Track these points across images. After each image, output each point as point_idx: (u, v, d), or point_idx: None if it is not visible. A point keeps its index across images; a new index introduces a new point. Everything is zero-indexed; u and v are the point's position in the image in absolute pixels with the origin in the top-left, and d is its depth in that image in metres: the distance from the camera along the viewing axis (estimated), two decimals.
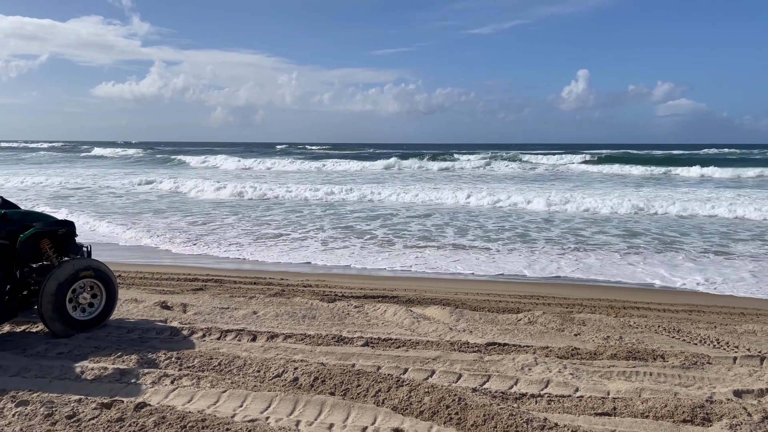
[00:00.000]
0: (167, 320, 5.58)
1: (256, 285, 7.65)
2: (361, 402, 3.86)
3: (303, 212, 16.50)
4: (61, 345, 4.79)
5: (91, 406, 3.68)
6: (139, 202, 19.48)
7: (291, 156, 58.90)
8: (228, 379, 4.18)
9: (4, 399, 3.78)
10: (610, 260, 10.06)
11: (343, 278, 8.49)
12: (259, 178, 31.63)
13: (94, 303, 5.25)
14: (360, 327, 5.49)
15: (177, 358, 4.54)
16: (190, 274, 8.38)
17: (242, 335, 5.16)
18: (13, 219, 5.01)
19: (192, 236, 12.32)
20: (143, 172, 35.49)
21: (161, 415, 3.59)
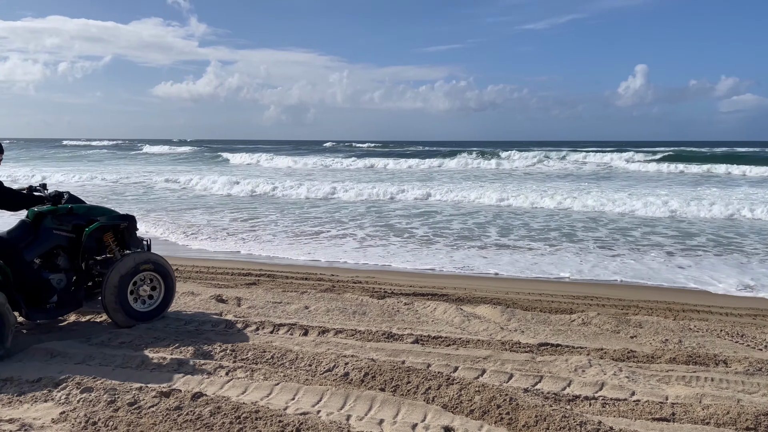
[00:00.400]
0: (222, 313, 5.73)
1: (307, 280, 7.75)
2: (411, 399, 3.87)
3: (347, 210, 16.60)
4: (123, 335, 4.99)
5: (150, 395, 3.82)
6: (186, 199, 20.03)
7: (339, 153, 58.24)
8: (280, 372, 4.26)
9: (70, 385, 3.96)
10: (665, 261, 9.73)
11: (393, 275, 8.51)
12: (298, 175, 31.78)
13: (154, 295, 5.44)
14: (410, 324, 5.50)
15: (231, 350, 4.65)
16: (243, 268, 8.56)
17: (294, 329, 5.25)
18: (79, 213, 5.24)
19: (241, 232, 12.59)
20: (187, 169, 36.28)
21: (217, 405, 3.70)
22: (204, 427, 3.48)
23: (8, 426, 3.45)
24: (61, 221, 5.13)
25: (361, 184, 22.59)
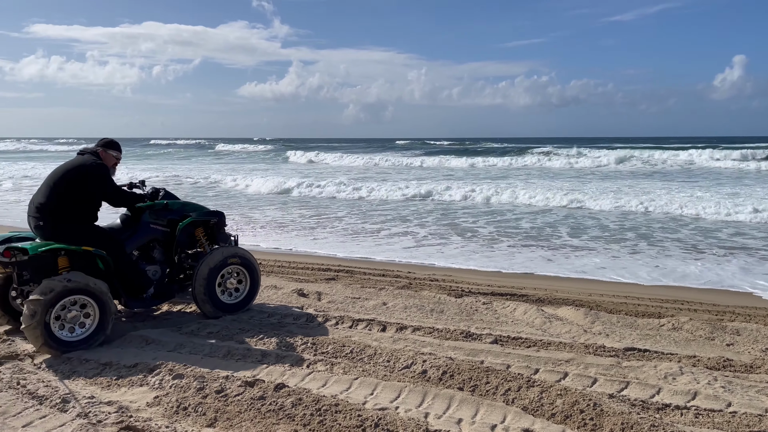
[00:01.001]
0: (303, 307, 5.89)
1: (384, 277, 7.81)
2: (490, 399, 3.82)
3: (416, 209, 16.55)
4: (211, 325, 5.23)
5: (236, 384, 3.98)
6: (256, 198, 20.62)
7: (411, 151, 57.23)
8: (359, 367, 4.32)
9: (163, 371, 4.19)
10: (759, 266, 9.06)
11: (469, 274, 8.42)
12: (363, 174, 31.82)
13: (240, 288, 5.66)
14: (488, 324, 5.43)
15: (312, 343, 4.77)
16: (322, 264, 8.74)
17: (373, 325, 5.31)
18: (173, 209, 5.54)
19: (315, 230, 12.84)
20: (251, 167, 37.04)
21: (298, 396, 3.80)
22: (286, 418, 3.58)
23: (107, 408, 3.69)
24: (157, 216, 5.44)
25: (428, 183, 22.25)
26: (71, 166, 4.97)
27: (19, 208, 15.44)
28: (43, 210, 4.82)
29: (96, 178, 4.97)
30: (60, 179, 4.89)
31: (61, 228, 4.81)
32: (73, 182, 4.88)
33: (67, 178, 4.89)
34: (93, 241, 4.90)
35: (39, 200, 4.86)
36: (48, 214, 4.81)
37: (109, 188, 5.06)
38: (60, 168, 5.00)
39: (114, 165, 5.23)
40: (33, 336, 4.45)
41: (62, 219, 4.83)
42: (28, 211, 4.93)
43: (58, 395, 3.85)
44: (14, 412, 3.64)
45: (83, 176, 4.91)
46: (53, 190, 4.85)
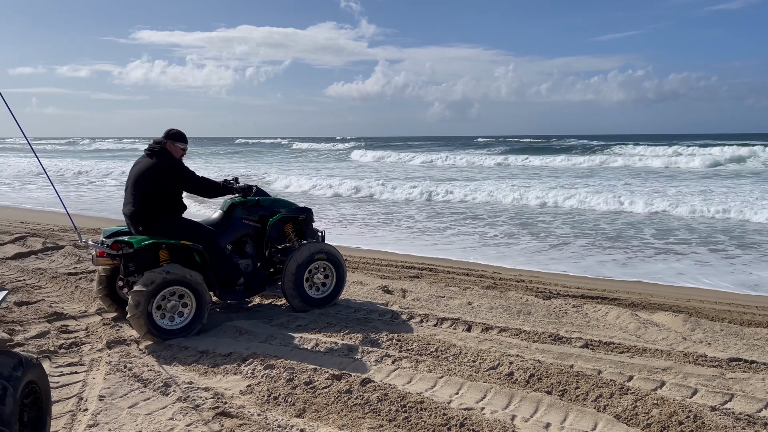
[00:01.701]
0: (388, 304, 5.93)
1: (468, 276, 7.73)
2: (580, 405, 3.70)
3: (488, 211, 16.22)
4: (299, 318, 5.38)
5: (324, 376, 4.07)
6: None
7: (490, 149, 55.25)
8: (444, 366, 4.31)
9: (255, 362, 4.35)
10: None
11: (557, 276, 8.17)
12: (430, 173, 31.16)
13: (326, 283, 5.79)
14: (578, 327, 5.25)
15: (397, 340, 4.80)
16: (407, 262, 8.76)
17: (457, 324, 5.27)
18: (265, 205, 5.75)
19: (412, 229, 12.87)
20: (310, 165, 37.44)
21: (384, 392, 3.83)
22: (372, 412, 3.63)
23: (204, 394, 3.88)
24: (249, 212, 5.67)
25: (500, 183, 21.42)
26: (146, 169, 5.07)
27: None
28: (134, 217, 5.07)
29: (174, 176, 5.10)
30: (140, 185, 5.04)
31: (157, 227, 5.08)
32: (153, 188, 5.03)
33: (147, 185, 5.03)
34: (189, 234, 5.16)
35: (129, 209, 5.10)
36: (140, 219, 5.06)
37: (189, 180, 5.17)
38: (135, 172, 5.13)
39: (181, 156, 5.29)
40: (137, 324, 4.76)
41: (155, 219, 5.07)
42: (124, 218, 5.21)
43: (161, 379, 4.09)
44: (122, 393, 3.91)
45: (161, 179, 5.04)
46: (138, 198, 5.04)
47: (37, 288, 6.48)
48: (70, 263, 7.66)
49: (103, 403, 3.75)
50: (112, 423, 3.51)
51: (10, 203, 16.71)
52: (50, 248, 8.42)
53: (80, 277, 6.91)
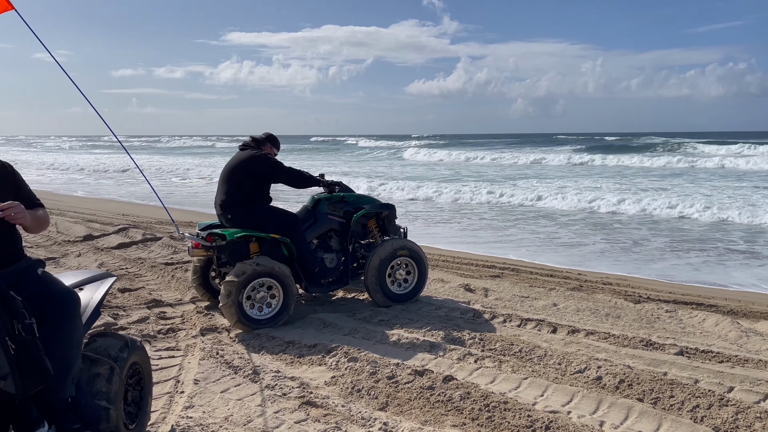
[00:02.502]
0: (470, 302, 5.89)
1: (552, 277, 7.53)
2: (674, 415, 3.52)
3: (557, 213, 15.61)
4: (381, 313, 5.44)
5: (406, 371, 4.10)
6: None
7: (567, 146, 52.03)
8: (528, 367, 4.23)
9: (339, 354, 4.45)
10: None
11: (645, 280, 7.80)
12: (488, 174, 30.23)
13: (408, 279, 5.82)
14: (672, 333, 4.99)
15: (480, 339, 4.75)
16: (487, 261, 8.65)
17: (542, 326, 5.16)
18: (349, 201, 5.85)
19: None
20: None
21: (466, 390, 3.81)
22: (454, 410, 3.62)
23: (290, 383, 4.00)
24: (334, 207, 5.80)
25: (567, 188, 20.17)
26: (239, 160, 5.41)
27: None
28: (225, 206, 5.36)
29: (266, 164, 5.36)
30: (232, 175, 5.38)
31: (246, 214, 5.33)
32: (245, 174, 5.34)
33: (238, 173, 5.36)
34: (276, 220, 5.38)
35: (221, 198, 5.40)
36: (231, 208, 5.34)
37: (280, 169, 5.41)
38: (229, 164, 5.47)
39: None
40: (229, 313, 4.98)
41: (244, 206, 5.33)
42: (216, 210, 5.50)
43: (250, 367, 4.26)
44: (214, 378, 4.10)
45: (253, 166, 5.35)
46: (230, 187, 5.36)
47: (138, 276, 6.91)
48: (167, 254, 8.11)
49: (197, 387, 3.95)
50: (206, 406, 3.69)
51: (114, 197, 17.89)
52: (149, 239, 8.95)
53: (176, 267, 7.31)
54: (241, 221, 5.34)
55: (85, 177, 26.28)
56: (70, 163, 34.84)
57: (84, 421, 2.70)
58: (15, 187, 2.90)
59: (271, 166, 5.39)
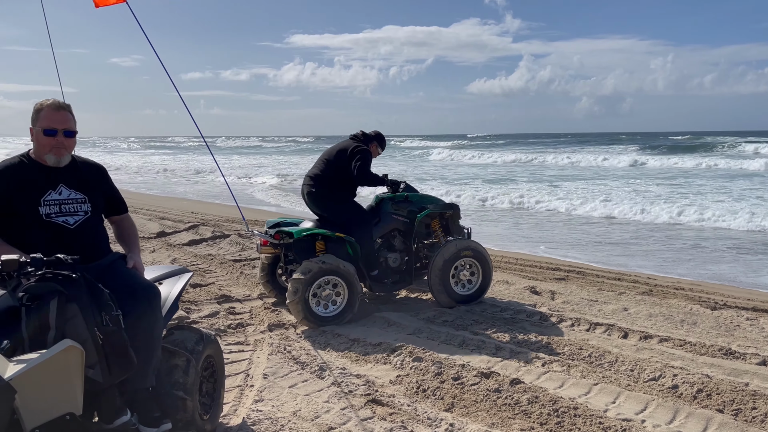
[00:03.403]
0: (536, 305, 5.78)
1: (620, 281, 7.28)
2: (757, 427, 3.35)
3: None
4: (445, 314, 5.42)
5: (472, 373, 4.06)
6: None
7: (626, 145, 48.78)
8: (599, 373, 4.11)
9: (404, 353, 4.45)
10: None
11: (721, 286, 7.43)
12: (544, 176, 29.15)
13: (472, 280, 5.77)
14: (754, 342, 4.74)
15: (547, 342, 4.66)
16: (552, 263, 8.46)
17: (612, 330, 5.00)
18: (413, 201, 5.86)
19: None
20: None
21: (534, 394, 3.75)
22: (522, 414, 3.56)
23: (356, 380, 4.04)
24: (398, 207, 5.81)
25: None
26: (342, 147, 5.71)
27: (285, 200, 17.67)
28: (315, 179, 5.62)
29: (358, 158, 5.57)
30: (331, 156, 5.68)
31: (329, 197, 5.56)
32: (341, 160, 5.60)
33: (337, 155, 5.64)
34: (354, 216, 5.55)
35: (313, 171, 5.69)
36: (318, 182, 5.58)
37: (364, 170, 5.57)
38: (333, 147, 5.80)
39: (374, 157, 5.84)
40: (295, 310, 5.08)
41: (330, 189, 5.56)
42: (303, 180, 5.77)
43: (316, 363, 4.32)
44: (282, 373, 4.19)
45: (350, 155, 5.59)
46: (325, 164, 5.64)
47: (208, 272, 7.14)
48: (236, 251, 8.35)
49: (266, 381, 4.05)
50: (275, 400, 3.77)
51: (183, 195, 18.58)
52: (218, 236, 9.24)
53: (244, 263, 7.51)
54: (320, 201, 5.57)
55: (154, 176, 27.39)
56: (139, 163, 36.41)
57: (163, 410, 2.82)
58: (110, 189, 3.10)
59: (359, 161, 5.56)
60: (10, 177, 2.76)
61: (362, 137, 5.81)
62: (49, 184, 2.81)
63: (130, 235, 3.18)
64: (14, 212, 2.73)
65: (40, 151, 2.84)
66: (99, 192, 2.97)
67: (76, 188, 2.87)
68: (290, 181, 22.47)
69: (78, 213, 2.83)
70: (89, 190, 2.91)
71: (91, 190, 2.92)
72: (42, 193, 2.77)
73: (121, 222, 3.16)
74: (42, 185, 2.79)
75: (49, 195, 2.78)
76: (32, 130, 2.84)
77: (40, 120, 2.81)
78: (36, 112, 2.83)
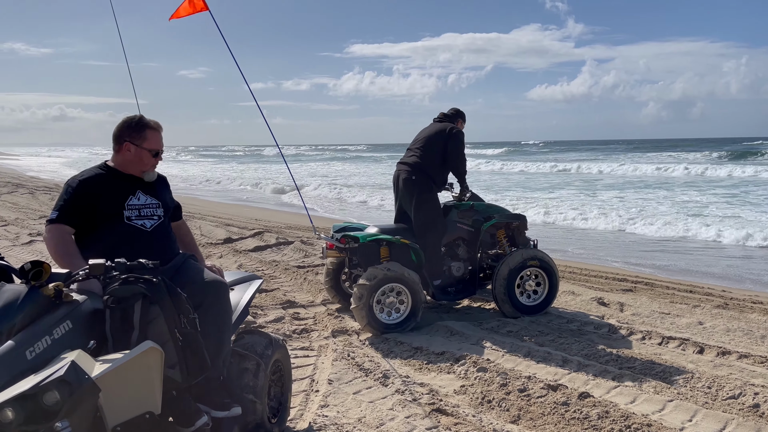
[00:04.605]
0: (604, 317, 5.61)
1: (692, 293, 6.97)
2: None
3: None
4: (510, 324, 5.33)
5: (539, 385, 3.98)
6: None
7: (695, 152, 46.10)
8: (673, 389, 3.95)
9: (468, 363, 4.41)
10: None
11: None
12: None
13: (538, 291, 5.66)
14: None
15: (617, 356, 4.52)
16: (618, 273, 8.20)
17: (687, 345, 4.79)
18: (479, 210, 5.81)
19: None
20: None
21: (604, 409, 3.64)
22: (591, 429, 3.46)
23: (420, 389, 4.03)
24: (463, 215, 5.78)
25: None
26: (437, 129, 5.75)
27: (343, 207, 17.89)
28: (413, 166, 5.67)
29: (457, 139, 5.68)
30: (429, 139, 5.73)
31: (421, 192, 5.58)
32: (437, 141, 5.67)
33: (432, 138, 5.70)
34: (430, 218, 5.57)
35: (411, 158, 5.74)
36: (417, 169, 5.63)
37: (459, 152, 5.69)
38: (426, 130, 5.85)
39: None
40: (360, 316, 5.12)
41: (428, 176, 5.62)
42: (397, 168, 5.84)
43: (380, 370, 4.34)
44: (347, 379, 4.23)
45: (447, 136, 5.67)
46: (423, 150, 5.69)
47: (273, 278, 7.30)
48: (299, 257, 8.51)
49: (331, 387, 4.09)
50: (340, 406, 3.81)
51: (247, 202, 19.09)
52: (282, 243, 9.44)
53: (307, 270, 7.64)
54: (415, 188, 5.58)
55: (217, 185, 28.25)
56: (197, 172, 37.41)
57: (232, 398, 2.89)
58: (172, 199, 3.29)
59: (456, 142, 5.67)
60: (95, 185, 2.95)
61: (452, 115, 5.94)
62: (130, 190, 3.01)
63: (191, 240, 3.43)
64: (98, 216, 2.90)
65: (136, 166, 3.03)
66: (168, 198, 3.20)
67: (151, 194, 3.07)
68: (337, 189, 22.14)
69: (153, 217, 3.02)
70: (161, 196, 3.13)
71: (162, 196, 3.14)
72: (125, 198, 2.97)
73: (179, 227, 3.34)
74: (125, 191, 2.99)
75: (130, 200, 2.98)
76: (129, 145, 2.99)
77: (147, 140, 3.01)
78: (136, 130, 3.01)
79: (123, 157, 3.02)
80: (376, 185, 23.98)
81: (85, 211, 2.88)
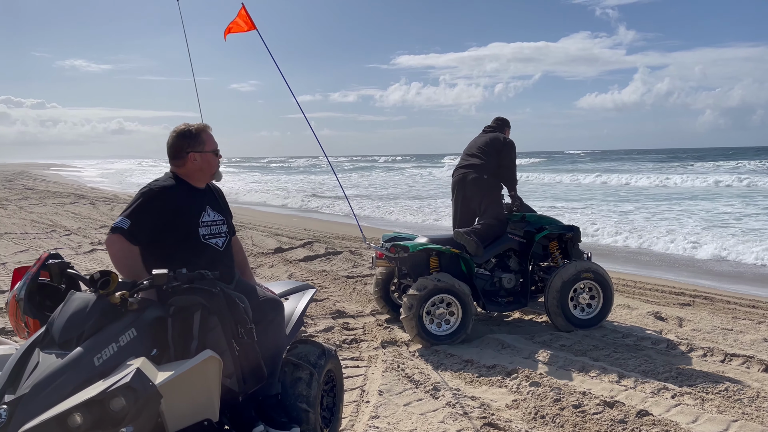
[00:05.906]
0: (662, 332, 5.43)
1: (754, 308, 6.67)
2: None
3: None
4: (563, 338, 5.22)
5: (594, 401, 3.88)
6: None
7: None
8: (738, 409, 3.78)
9: (520, 377, 4.34)
10: None
11: None
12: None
13: (592, 304, 5.53)
14: None
15: (677, 373, 4.36)
16: (675, 287, 7.92)
17: (752, 363, 4.59)
18: (531, 221, 5.73)
19: None
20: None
21: (664, 428, 3.52)
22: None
23: (471, 402, 3.99)
24: (515, 226, 5.71)
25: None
26: (490, 138, 5.89)
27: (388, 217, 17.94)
28: (473, 167, 5.77)
29: (510, 148, 5.83)
30: (484, 146, 5.83)
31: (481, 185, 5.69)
32: (492, 151, 5.78)
33: (487, 147, 5.81)
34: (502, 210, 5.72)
35: (469, 162, 5.83)
36: (478, 169, 5.72)
37: (510, 160, 5.80)
38: (479, 139, 5.97)
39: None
40: (409, 326, 5.10)
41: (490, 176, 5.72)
42: (455, 172, 5.94)
43: (430, 383, 4.32)
44: (397, 390, 4.22)
45: (501, 145, 5.81)
46: (480, 155, 5.80)
47: (323, 287, 7.37)
48: (348, 267, 8.57)
49: (382, 398, 4.09)
50: (391, 417, 3.81)
51: (296, 212, 19.36)
52: (331, 253, 9.53)
53: (356, 280, 7.69)
54: (481, 184, 5.68)
55: (265, 195, 28.75)
56: (245, 182, 38.07)
57: (289, 417, 2.92)
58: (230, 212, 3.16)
59: (510, 152, 5.81)
60: (168, 198, 2.75)
61: (499, 125, 6.06)
62: (201, 206, 2.86)
63: (243, 258, 3.23)
64: (171, 231, 2.73)
65: (206, 172, 2.89)
66: (228, 213, 3.07)
67: (217, 210, 2.96)
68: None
69: (221, 234, 2.91)
70: (224, 211, 3.02)
71: (225, 211, 3.03)
72: (199, 215, 2.83)
73: (233, 244, 3.13)
74: (198, 207, 2.84)
75: (203, 216, 2.85)
76: (194, 154, 2.83)
77: (206, 143, 2.86)
78: (194, 138, 2.84)
79: (191, 168, 2.85)
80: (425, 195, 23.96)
81: (158, 224, 2.69)
